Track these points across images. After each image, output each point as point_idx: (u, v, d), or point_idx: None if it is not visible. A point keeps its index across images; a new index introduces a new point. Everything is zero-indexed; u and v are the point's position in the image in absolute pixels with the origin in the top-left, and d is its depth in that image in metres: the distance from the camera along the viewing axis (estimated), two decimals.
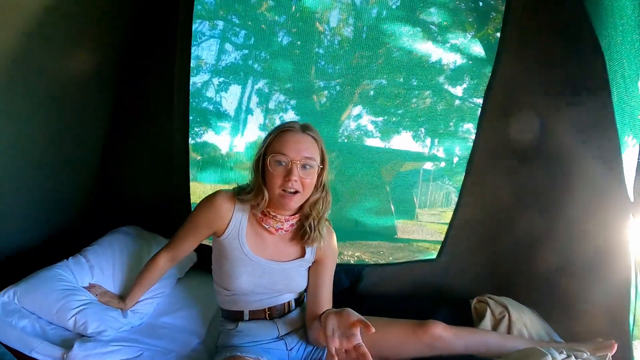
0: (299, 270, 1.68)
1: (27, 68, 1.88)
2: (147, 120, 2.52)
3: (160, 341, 1.79)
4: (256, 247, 1.63)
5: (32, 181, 2.16)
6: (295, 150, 1.49)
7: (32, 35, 1.82)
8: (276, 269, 1.64)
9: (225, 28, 2.99)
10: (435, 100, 2.77)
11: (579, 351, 1.64)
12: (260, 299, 1.64)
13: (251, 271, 1.60)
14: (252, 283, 1.60)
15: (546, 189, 2.24)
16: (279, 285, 1.64)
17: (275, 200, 1.55)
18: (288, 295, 1.69)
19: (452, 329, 1.66)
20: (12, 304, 1.72)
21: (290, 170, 1.49)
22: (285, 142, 1.50)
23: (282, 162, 1.49)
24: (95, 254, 2.06)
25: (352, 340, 1.27)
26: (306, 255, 1.69)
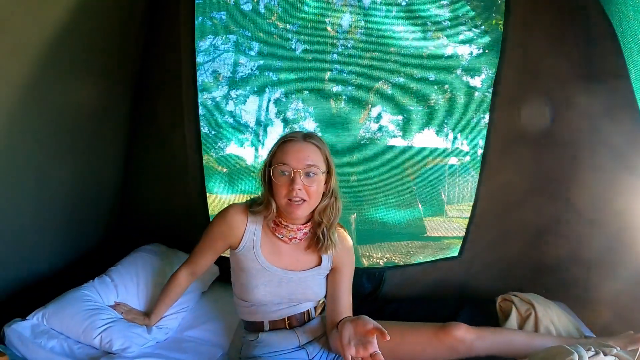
0: (317, 279, 1.70)
1: (45, 95, 1.97)
2: (161, 140, 2.60)
3: (185, 355, 1.84)
4: (272, 257, 1.65)
5: (56, 206, 2.27)
6: (296, 159, 1.51)
7: (47, 65, 1.91)
8: (293, 279, 1.65)
9: (238, 41, 3.03)
10: (455, 93, 2.73)
11: (608, 347, 1.60)
12: (279, 309, 1.66)
13: (268, 281, 1.63)
14: (270, 293, 1.62)
15: (557, 177, 2.24)
16: (297, 294, 1.66)
17: (283, 209, 1.57)
18: (307, 304, 1.70)
19: (475, 330, 1.63)
20: (41, 326, 1.80)
21: (293, 180, 1.50)
22: (286, 152, 1.52)
23: (285, 172, 1.51)
24: (119, 273, 2.13)
25: (369, 348, 1.26)
26: (322, 263, 1.70)
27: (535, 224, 2.30)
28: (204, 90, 2.91)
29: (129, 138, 2.64)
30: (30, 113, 1.96)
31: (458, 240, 3.92)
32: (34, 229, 2.17)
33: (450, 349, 1.60)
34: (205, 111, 2.90)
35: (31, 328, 1.78)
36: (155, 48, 2.50)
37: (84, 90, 2.18)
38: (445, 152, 2.60)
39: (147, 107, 2.58)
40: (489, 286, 2.26)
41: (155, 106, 2.56)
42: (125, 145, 2.64)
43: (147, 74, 2.53)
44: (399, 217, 2.80)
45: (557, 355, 1.49)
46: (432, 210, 2.70)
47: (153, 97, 2.56)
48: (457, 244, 3.79)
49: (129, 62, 2.47)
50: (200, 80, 2.82)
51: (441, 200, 3.44)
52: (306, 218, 1.64)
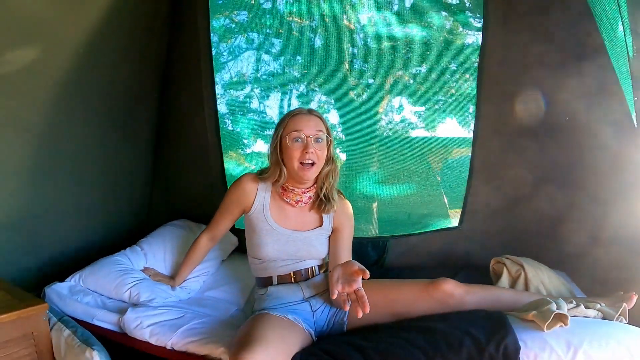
0: (320, 239, 1.87)
1: (83, 81, 2.26)
2: (184, 125, 2.88)
3: (204, 309, 2.04)
4: (279, 218, 1.84)
5: (93, 192, 2.56)
6: (308, 127, 1.73)
7: (86, 53, 2.19)
8: (299, 237, 1.84)
9: (260, 40, 3.17)
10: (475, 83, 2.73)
11: (592, 302, 1.68)
12: (285, 264, 1.83)
13: (276, 240, 1.82)
14: (278, 250, 1.81)
15: (561, 162, 2.27)
16: (301, 252, 1.83)
17: (294, 173, 1.77)
18: (311, 261, 1.87)
19: (463, 286, 1.73)
20: (78, 286, 2.08)
21: (307, 144, 1.72)
22: (299, 121, 1.74)
23: (299, 138, 1.73)
24: (149, 243, 2.40)
25: (353, 285, 1.44)
26: (324, 224, 1.88)
27: (550, 213, 2.33)
28: (230, 88, 3.09)
29: (156, 126, 2.93)
30: (71, 106, 2.25)
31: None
32: (74, 212, 2.46)
33: (440, 302, 1.69)
34: (230, 109, 3.09)
35: (69, 288, 2.06)
36: (177, 44, 2.77)
37: (118, 82, 2.47)
38: (469, 141, 2.52)
39: (172, 97, 2.85)
40: (491, 256, 2.23)
41: (178, 95, 2.83)
42: (153, 134, 2.93)
43: (171, 67, 2.81)
44: (423, 208, 2.84)
45: (539, 305, 1.59)
46: (457, 201, 2.71)
47: (176, 87, 2.83)
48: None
49: (155, 56, 2.74)
50: (225, 79, 3.05)
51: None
52: (311, 182, 1.83)
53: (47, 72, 2.09)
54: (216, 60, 2.87)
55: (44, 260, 2.30)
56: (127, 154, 2.73)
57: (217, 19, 2.89)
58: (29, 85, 2.03)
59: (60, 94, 2.17)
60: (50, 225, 2.33)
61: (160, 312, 1.86)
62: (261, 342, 1.39)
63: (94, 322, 1.88)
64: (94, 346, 1.60)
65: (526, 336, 1.46)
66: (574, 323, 1.50)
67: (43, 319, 1.68)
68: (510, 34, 2.28)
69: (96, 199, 2.58)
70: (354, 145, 2.86)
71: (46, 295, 2.01)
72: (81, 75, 2.23)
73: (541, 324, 1.47)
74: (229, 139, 3.04)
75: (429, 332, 1.51)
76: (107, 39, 2.27)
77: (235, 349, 1.39)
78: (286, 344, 1.49)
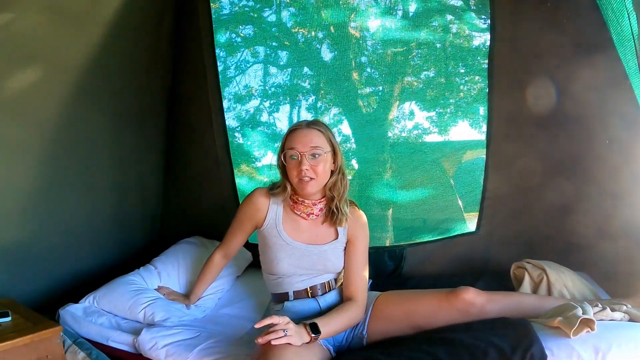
0: (335, 252, 1.83)
1: (89, 101, 2.27)
2: (194, 141, 2.88)
3: (219, 327, 2.01)
4: (293, 232, 1.81)
5: (105, 210, 2.56)
6: (302, 144, 1.68)
7: (90, 73, 2.20)
8: (314, 251, 1.80)
9: (266, 52, 3.18)
10: (486, 83, 2.71)
11: (618, 304, 1.63)
12: (301, 279, 1.79)
13: (290, 254, 1.78)
14: (293, 265, 1.77)
15: (571, 153, 2.24)
16: (317, 265, 1.80)
17: (296, 187, 1.75)
18: (327, 275, 1.83)
19: (485, 294, 1.68)
20: (92, 307, 2.06)
21: (300, 161, 1.69)
22: (293, 138, 1.70)
23: (294, 155, 1.70)
24: (162, 262, 2.38)
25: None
26: (339, 237, 1.83)
27: (558, 204, 2.30)
28: (238, 102, 3.11)
29: (166, 143, 2.93)
30: (80, 126, 2.26)
31: None
32: (87, 230, 2.45)
33: (461, 312, 1.64)
34: (240, 123, 3.10)
35: (83, 309, 2.04)
36: (183, 61, 2.78)
37: (125, 100, 2.48)
38: (482, 143, 2.50)
39: (180, 114, 2.86)
40: (509, 261, 2.19)
41: (187, 112, 2.85)
42: (163, 151, 2.93)
43: (178, 84, 2.82)
44: (438, 214, 2.81)
45: (564, 310, 1.54)
46: (472, 205, 2.67)
47: (185, 103, 2.84)
48: None
49: (161, 73, 2.75)
50: (233, 93, 3.06)
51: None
52: (320, 194, 1.80)
53: (54, 93, 2.10)
54: (223, 75, 2.88)
55: (58, 281, 2.30)
56: (137, 172, 2.73)
57: (222, 33, 2.90)
58: (36, 107, 2.03)
59: (69, 115, 2.18)
60: (63, 246, 2.32)
61: (175, 332, 1.84)
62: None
63: (109, 344, 1.86)
64: None
65: (552, 344, 1.41)
66: (600, 327, 1.45)
67: (57, 341, 1.67)
68: (520, 24, 2.25)
69: (108, 218, 2.57)
70: (366, 154, 2.84)
71: (60, 317, 1.99)
72: (87, 95, 2.24)
73: (567, 330, 1.42)
74: (239, 153, 3.04)
75: (451, 344, 1.46)
76: (112, 58, 2.28)
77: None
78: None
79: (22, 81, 1.93)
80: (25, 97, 1.97)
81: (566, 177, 2.25)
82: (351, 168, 2.92)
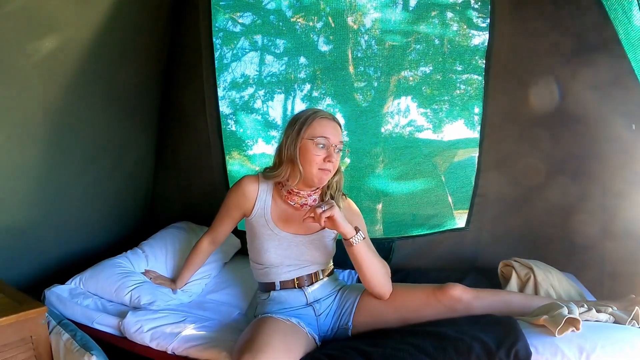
0: (323, 241, 1.82)
1: (84, 81, 2.22)
2: (186, 125, 2.86)
3: (206, 312, 2.01)
4: (281, 222, 1.79)
5: (98, 195, 2.55)
6: (335, 136, 1.67)
7: (87, 53, 2.15)
8: (302, 241, 1.79)
9: (263, 41, 3.14)
10: (483, 82, 2.70)
11: (604, 306, 1.63)
12: (289, 270, 1.78)
13: (278, 245, 1.77)
14: (280, 255, 1.76)
15: (574, 153, 2.22)
16: (305, 255, 1.79)
17: (310, 176, 1.70)
18: (315, 266, 1.82)
19: (472, 291, 1.68)
20: (78, 289, 2.05)
21: (330, 153, 1.67)
22: (326, 127, 1.66)
23: (324, 144, 1.66)
24: (150, 246, 2.36)
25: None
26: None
27: (562, 204, 2.28)
28: (232, 89, 3.07)
29: (158, 127, 2.91)
30: (73, 108, 2.22)
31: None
32: (76, 215, 2.44)
33: (448, 307, 1.65)
34: (234, 110, 3.07)
35: (69, 291, 2.02)
36: (179, 45, 2.76)
37: (119, 82, 2.44)
38: (476, 141, 2.49)
39: (173, 97, 2.84)
40: (499, 258, 2.17)
41: (180, 96, 2.82)
42: (155, 134, 2.91)
43: (173, 67, 2.79)
44: (428, 209, 2.79)
45: (550, 309, 1.54)
46: (462, 203, 2.67)
47: (178, 88, 2.82)
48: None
49: (156, 56, 2.71)
50: (229, 80, 3.02)
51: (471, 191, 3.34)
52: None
53: (57, 73, 2.07)
54: (220, 62, 2.86)
55: (46, 263, 2.28)
56: (128, 156, 2.71)
57: (220, 20, 2.87)
58: (33, 87, 2.00)
59: (64, 96, 2.14)
60: (53, 229, 2.30)
61: (161, 316, 1.83)
62: (264, 348, 1.36)
63: (94, 326, 1.85)
64: (92, 351, 1.57)
65: (537, 341, 1.41)
66: (585, 327, 1.45)
67: (42, 322, 1.65)
68: (520, 22, 2.23)
69: (98, 202, 2.55)
70: (359, 146, 2.81)
71: (46, 298, 1.98)
72: (84, 74, 2.20)
73: (552, 329, 1.43)
74: (232, 140, 3.02)
75: (437, 337, 1.46)
76: (108, 39, 2.23)
77: (238, 355, 1.35)
78: (289, 349, 1.45)
79: (30, 57, 1.91)
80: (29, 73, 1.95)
81: (564, 176, 2.25)
82: (342, 162, 2.90)
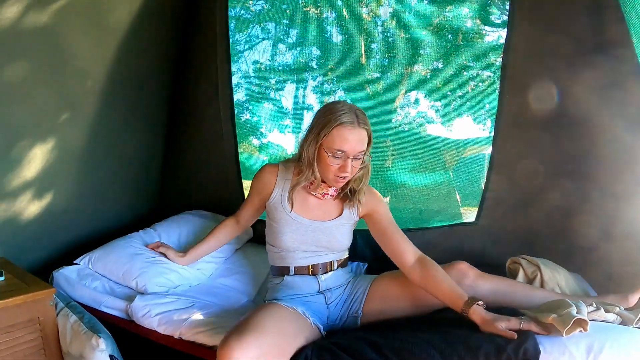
0: (340, 229, 1.81)
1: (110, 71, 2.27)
2: (198, 112, 2.85)
3: (214, 298, 2.01)
4: (300, 209, 1.78)
5: (106, 173, 2.55)
6: (352, 148, 1.57)
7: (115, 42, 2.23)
8: (319, 228, 1.77)
9: (276, 30, 3.12)
10: (496, 80, 2.69)
11: (610, 305, 1.62)
12: (305, 256, 1.78)
13: (295, 230, 1.76)
14: (297, 240, 1.76)
15: (574, 155, 2.20)
16: (322, 242, 1.78)
17: (327, 180, 1.69)
18: (331, 255, 1.82)
19: (478, 270, 1.74)
20: (86, 270, 2.05)
21: (346, 165, 1.59)
22: (344, 139, 1.56)
23: (340, 157, 1.59)
24: (163, 226, 2.39)
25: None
26: (344, 212, 1.81)
27: (562, 206, 2.26)
28: (245, 78, 3.07)
29: (169, 113, 2.92)
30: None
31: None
32: (87, 202, 2.46)
33: (456, 282, 1.65)
34: (248, 98, 3.07)
35: (77, 272, 2.03)
36: (193, 33, 2.75)
37: (130, 66, 2.45)
38: (485, 139, 2.50)
39: (186, 83, 2.83)
40: (507, 254, 2.16)
41: (194, 82, 2.82)
42: (165, 121, 2.92)
43: (186, 53, 2.78)
44: (435, 204, 2.79)
45: (558, 307, 1.51)
46: (471, 199, 2.66)
47: (192, 74, 2.81)
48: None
49: (169, 42, 2.72)
50: (242, 69, 3.03)
51: (480, 188, 3.34)
52: None
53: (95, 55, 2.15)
54: (232, 49, 2.83)
55: (56, 246, 2.29)
56: (138, 142, 2.71)
57: (234, 7, 2.85)
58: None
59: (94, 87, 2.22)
60: (63, 213, 2.29)
61: (169, 301, 1.83)
62: (255, 331, 1.36)
63: (102, 309, 1.86)
64: (100, 333, 1.58)
65: (545, 340, 1.41)
66: (594, 328, 1.44)
67: (50, 303, 1.66)
68: (537, 22, 2.21)
69: (108, 188, 2.56)
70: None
71: (54, 280, 1.98)
72: (107, 65, 2.25)
73: (561, 329, 1.41)
74: (244, 129, 3.02)
75: (447, 333, 1.46)
76: (123, 21, 2.25)
77: (227, 334, 1.35)
78: (284, 336, 1.44)
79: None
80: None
81: (570, 179, 2.23)
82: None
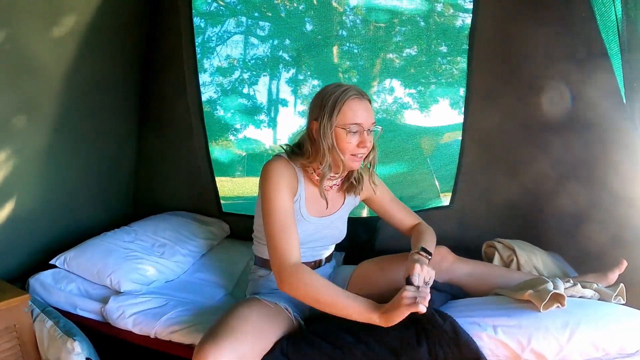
0: (342, 219, 1.78)
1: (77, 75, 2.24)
2: (166, 110, 2.83)
3: (189, 294, 1.99)
4: (310, 206, 1.68)
5: (78, 177, 2.53)
6: (366, 119, 1.50)
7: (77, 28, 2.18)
8: (325, 223, 1.71)
9: (248, 23, 3.08)
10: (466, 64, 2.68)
11: (588, 282, 1.64)
12: (302, 253, 1.60)
13: (305, 230, 1.66)
14: (304, 239, 1.64)
15: (585, 159, 2.16)
16: (325, 240, 1.74)
17: (345, 163, 1.56)
18: (327, 251, 1.79)
19: (456, 255, 1.75)
20: (61, 272, 2.04)
21: (364, 138, 1.51)
22: (357, 111, 1.49)
23: (357, 130, 1.50)
24: (140, 223, 2.42)
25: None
26: (346, 201, 1.77)
27: (573, 211, 2.20)
28: (217, 74, 3.07)
29: (138, 112, 2.89)
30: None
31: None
32: (62, 205, 2.44)
33: (435, 265, 1.63)
34: (221, 94, 3.06)
35: (52, 275, 2.02)
36: (158, 27, 2.72)
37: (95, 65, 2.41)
38: (461, 125, 2.47)
39: (153, 81, 2.81)
40: (484, 239, 2.17)
41: (160, 80, 2.79)
42: (136, 120, 2.90)
43: (152, 50, 2.76)
44: (412, 188, 2.81)
45: (535, 284, 1.54)
46: (448, 184, 2.67)
47: (158, 71, 2.79)
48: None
49: (135, 40, 2.69)
50: (214, 64, 3.02)
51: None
52: None
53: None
54: (204, 46, 2.85)
55: (30, 251, 2.26)
56: (106, 142, 2.68)
57: (204, 2, 2.84)
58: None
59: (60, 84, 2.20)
60: (32, 218, 2.25)
61: (143, 301, 1.83)
62: (231, 335, 1.29)
63: (77, 312, 1.85)
64: (75, 337, 1.58)
65: (521, 316, 1.41)
66: (570, 303, 1.44)
67: (25, 310, 1.66)
68: (531, 23, 2.20)
69: (78, 190, 2.52)
70: None
71: (30, 286, 1.97)
72: (72, 63, 2.21)
73: (537, 304, 1.41)
74: (218, 125, 3.02)
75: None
76: (84, 20, 2.22)
77: (203, 338, 1.30)
78: (262, 337, 1.39)
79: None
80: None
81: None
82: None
